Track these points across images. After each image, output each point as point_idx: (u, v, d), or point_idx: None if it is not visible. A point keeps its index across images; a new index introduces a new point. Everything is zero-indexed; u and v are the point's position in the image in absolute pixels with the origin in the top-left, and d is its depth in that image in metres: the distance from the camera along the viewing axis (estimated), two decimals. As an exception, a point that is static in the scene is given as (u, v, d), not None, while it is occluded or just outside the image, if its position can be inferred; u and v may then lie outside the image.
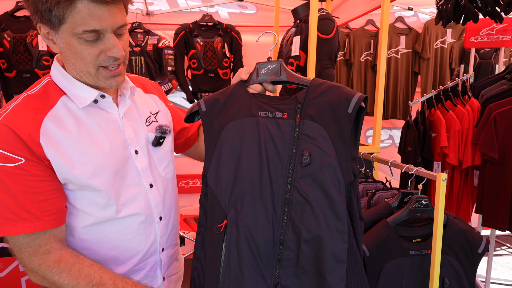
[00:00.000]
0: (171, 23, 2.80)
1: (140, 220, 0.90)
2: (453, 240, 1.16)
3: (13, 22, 2.45)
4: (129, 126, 0.90)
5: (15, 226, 0.75)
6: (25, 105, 0.79)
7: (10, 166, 0.74)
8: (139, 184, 0.90)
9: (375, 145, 1.73)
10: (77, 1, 0.72)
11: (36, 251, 0.78)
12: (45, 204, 0.77)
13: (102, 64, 0.80)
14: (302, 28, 1.84)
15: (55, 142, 0.78)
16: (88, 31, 0.74)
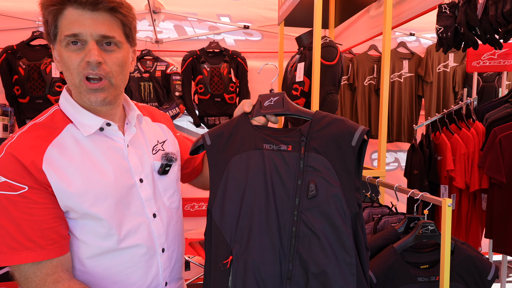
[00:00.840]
0: (179, 50, 2.89)
1: (142, 252, 0.87)
2: (461, 266, 1.14)
3: (29, 51, 2.55)
4: (134, 154, 0.90)
5: (18, 255, 0.74)
6: (31, 133, 0.81)
7: (13, 195, 0.75)
8: (142, 213, 0.89)
9: (380, 169, 1.74)
10: (65, 9, 0.78)
11: (44, 281, 0.76)
12: (48, 232, 0.77)
13: (83, 73, 0.80)
14: (306, 55, 1.90)
15: (58, 169, 0.78)
16: (68, 35, 0.78)
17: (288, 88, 2.01)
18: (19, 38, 2.57)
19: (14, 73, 2.52)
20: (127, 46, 0.86)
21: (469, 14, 1.47)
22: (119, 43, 0.82)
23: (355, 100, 3.20)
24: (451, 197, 2.35)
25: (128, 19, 0.84)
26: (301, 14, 2.16)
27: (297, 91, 1.90)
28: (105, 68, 0.80)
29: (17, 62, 2.51)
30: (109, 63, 0.81)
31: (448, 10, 1.57)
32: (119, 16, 0.81)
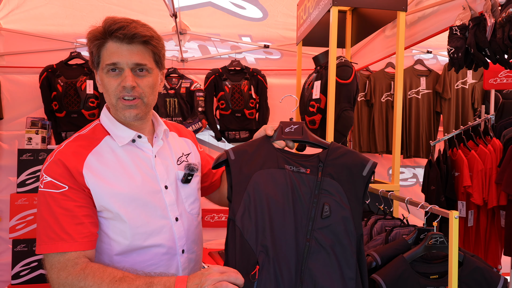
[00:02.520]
0: (202, 68, 3.06)
1: (163, 251, 0.98)
2: (470, 278, 1.18)
3: (67, 70, 2.78)
4: (160, 163, 1.03)
5: (55, 244, 0.86)
6: (75, 142, 0.96)
7: (56, 192, 0.89)
8: (166, 217, 1.00)
9: (394, 183, 1.79)
10: (107, 42, 0.93)
11: (64, 265, 0.85)
12: (80, 227, 0.88)
13: (119, 95, 0.94)
14: (322, 74, 2.00)
15: (95, 173, 0.92)
16: (108, 64, 0.92)
17: (305, 105, 2.11)
18: (58, 58, 2.81)
19: (53, 90, 2.75)
20: (156, 71, 1.01)
21: (479, 36, 1.54)
22: (150, 69, 0.97)
23: (372, 116, 3.25)
24: (469, 213, 2.35)
25: (158, 49, 0.98)
26: (319, 35, 2.28)
27: (313, 107, 2.00)
28: (138, 90, 0.95)
29: (56, 80, 2.74)
30: (142, 86, 0.96)
31: (459, 32, 1.64)
32: (150, 47, 0.96)
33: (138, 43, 0.94)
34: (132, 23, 0.93)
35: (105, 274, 0.83)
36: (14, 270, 2.54)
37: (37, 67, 2.82)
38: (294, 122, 1.05)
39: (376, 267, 1.23)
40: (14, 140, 2.87)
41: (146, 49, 0.96)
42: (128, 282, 0.82)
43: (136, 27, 0.93)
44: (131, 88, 0.93)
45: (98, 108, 2.80)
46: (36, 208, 2.49)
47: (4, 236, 2.85)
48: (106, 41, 0.93)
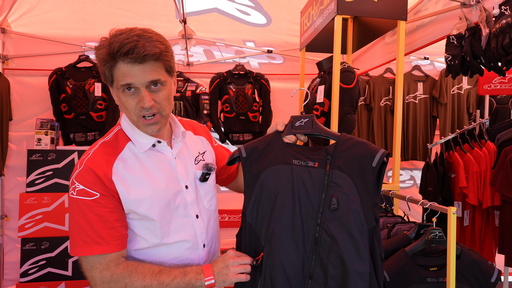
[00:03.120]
0: (207, 72, 3.15)
1: (187, 246, 1.05)
2: (467, 269, 1.27)
3: (75, 72, 2.86)
4: (180, 165, 1.08)
5: (90, 247, 0.93)
6: (102, 149, 1.01)
7: (89, 199, 0.94)
8: (188, 215, 1.06)
9: (394, 183, 1.88)
10: (118, 64, 0.92)
11: (107, 266, 0.94)
12: (112, 231, 0.95)
13: (139, 114, 0.96)
14: (326, 79, 2.09)
15: (123, 179, 0.97)
16: (123, 85, 0.93)
17: (309, 108, 2.21)
18: (67, 61, 2.88)
19: (61, 92, 2.82)
20: (170, 80, 1.02)
21: (474, 45, 1.64)
22: (163, 82, 0.98)
23: (371, 120, 3.36)
24: (465, 213, 2.44)
25: (168, 60, 0.99)
26: (321, 41, 2.38)
27: (317, 111, 2.09)
28: (156, 106, 0.97)
29: (65, 82, 2.81)
30: (158, 100, 0.97)
31: (456, 40, 1.74)
32: (161, 61, 0.97)
33: (149, 61, 0.93)
34: (139, 41, 0.90)
35: (145, 270, 0.94)
36: (22, 268, 2.59)
37: (46, 69, 2.89)
38: (304, 115, 1.08)
39: (379, 260, 1.32)
40: (22, 141, 2.93)
41: (158, 63, 0.95)
42: (166, 273, 0.95)
43: (144, 46, 0.91)
44: (149, 107, 0.96)
45: (106, 110, 2.88)
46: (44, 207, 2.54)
47: (11, 235, 2.90)
48: (117, 63, 0.92)
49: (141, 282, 0.94)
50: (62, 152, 2.68)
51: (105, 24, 2.91)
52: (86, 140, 2.86)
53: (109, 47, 0.92)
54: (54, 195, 2.64)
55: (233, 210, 3.22)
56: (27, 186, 2.63)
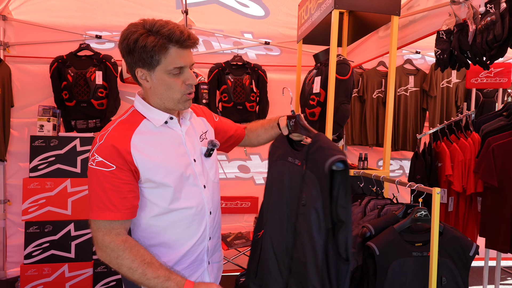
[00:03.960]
0: (206, 62, 3.22)
1: (196, 212, 1.17)
2: (448, 244, 1.40)
3: (76, 60, 2.91)
4: (189, 141, 1.21)
5: (103, 213, 1.03)
6: (120, 126, 1.11)
7: (106, 170, 1.04)
8: (197, 184, 1.19)
9: (384, 170, 2.01)
10: (169, 48, 1.05)
11: (109, 232, 1.04)
12: (124, 201, 1.05)
13: (185, 92, 1.11)
14: (322, 70, 2.20)
15: (140, 151, 1.08)
16: (177, 67, 1.07)
17: (306, 98, 2.31)
18: (68, 49, 2.93)
19: (63, 80, 2.87)
20: None
21: (462, 40, 1.76)
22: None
23: (364, 111, 3.48)
24: (449, 200, 2.59)
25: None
26: (318, 34, 2.47)
27: (314, 101, 2.20)
28: (196, 81, 1.14)
29: (66, 70, 2.86)
30: None
31: (445, 35, 1.86)
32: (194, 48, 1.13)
33: (191, 46, 1.09)
34: (187, 29, 1.07)
35: (138, 254, 1.04)
36: (26, 250, 2.68)
37: (47, 57, 2.94)
38: (293, 116, 1.25)
39: (370, 236, 1.44)
40: (24, 127, 2.99)
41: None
42: (153, 269, 1.03)
43: (193, 34, 1.08)
44: (194, 84, 1.12)
45: (107, 98, 2.94)
46: (47, 192, 2.62)
47: (14, 219, 2.98)
48: (170, 48, 1.05)
49: (130, 262, 1.02)
50: (65, 139, 2.75)
51: (106, 13, 2.96)
52: (87, 128, 2.93)
53: (160, 34, 1.02)
54: (57, 180, 2.71)
55: (230, 197, 3.33)
56: (30, 171, 2.69)
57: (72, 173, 2.75)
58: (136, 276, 1.02)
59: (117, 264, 1.03)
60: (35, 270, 2.68)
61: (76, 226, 2.75)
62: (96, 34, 3.03)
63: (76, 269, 2.75)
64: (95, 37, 3.03)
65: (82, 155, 2.77)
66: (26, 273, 2.66)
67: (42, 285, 2.69)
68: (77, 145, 2.77)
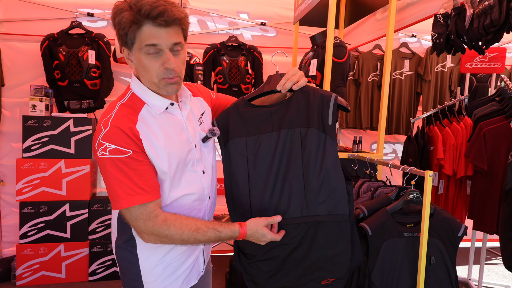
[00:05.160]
0: (201, 43, 3.17)
1: (195, 198, 1.15)
2: (438, 226, 1.45)
3: (68, 39, 2.84)
4: (190, 126, 1.16)
5: (134, 198, 0.98)
6: (123, 110, 1.05)
7: (123, 157, 0.99)
8: (196, 170, 1.16)
9: (378, 152, 2.04)
10: (143, 25, 0.96)
11: (148, 217, 1.00)
12: (150, 182, 1.02)
13: (162, 76, 1.01)
14: (318, 53, 2.19)
15: (146, 137, 1.04)
16: (148, 44, 0.97)
17: (301, 81, 2.30)
18: (59, 27, 2.85)
19: (54, 59, 2.81)
20: (184, 44, 1.09)
21: (459, 24, 1.76)
22: (181, 45, 1.06)
23: (359, 94, 3.49)
24: (440, 183, 2.66)
25: (187, 26, 1.07)
26: (315, 16, 2.44)
27: (310, 83, 2.20)
28: (176, 69, 1.04)
29: (57, 49, 2.79)
30: (178, 63, 1.03)
31: (442, 19, 1.85)
32: (182, 26, 1.05)
33: (174, 25, 0.99)
34: (167, 6, 0.97)
35: (183, 225, 1.04)
36: (22, 230, 2.69)
37: (37, 35, 2.86)
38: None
39: (363, 217, 1.48)
40: (15, 107, 2.94)
41: (179, 28, 1.02)
42: (202, 233, 1.05)
43: (173, 11, 0.97)
44: (173, 69, 1.01)
45: (100, 78, 2.89)
46: (41, 173, 2.61)
47: (8, 199, 2.97)
48: (144, 25, 0.96)
49: (179, 236, 1.03)
50: (58, 119, 2.72)
51: (98, -10, 2.88)
52: (81, 108, 2.89)
53: (134, 10, 0.96)
54: (51, 160, 2.70)
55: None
56: (23, 151, 2.67)
57: (66, 154, 2.74)
58: (191, 243, 1.05)
59: (169, 242, 1.04)
60: (31, 249, 2.70)
61: (71, 206, 2.76)
62: (88, 11, 2.95)
63: (72, 249, 2.78)
64: (87, 14, 2.95)
65: (76, 136, 2.75)
66: (22, 252, 2.69)
67: (38, 264, 2.72)
68: (70, 126, 2.75)
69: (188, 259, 1.18)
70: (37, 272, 2.74)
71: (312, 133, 1.15)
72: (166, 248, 1.13)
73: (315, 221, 1.12)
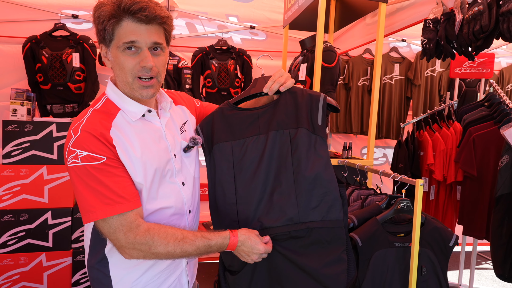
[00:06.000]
0: (189, 46, 3.12)
1: (173, 212, 1.07)
2: (429, 235, 1.41)
3: (51, 41, 2.75)
4: (169, 134, 1.10)
5: (113, 208, 0.90)
6: (95, 116, 0.99)
7: (97, 163, 0.92)
8: (175, 182, 1.08)
9: (369, 159, 2.01)
10: (122, 20, 0.93)
11: (129, 227, 0.92)
12: (128, 189, 0.94)
13: (137, 75, 0.96)
14: (308, 57, 2.15)
15: (120, 145, 0.97)
16: (126, 42, 0.93)
17: (291, 86, 2.26)
18: (42, 29, 2.76)
19: (37, 61, 2.72)
20: (167, 49, 1.05)
21: (448, 30, 1.74)
22: (163, 48, 1.01)
23: (349, 99, 3.47)
24: (431, 188, 2.64)
25: (170, 28, 1.03)
26: (305, 19, 2.41)
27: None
28: (154, 69, 0.99)
29: (40, 51, 2.70)
30: (157, 65, 0.99)
31: (432, 25, 1.83)
32: (165, 26, 1.00)
33: (155, 23, 0.95)
34: (149, 3, 0.94)
35: (167, 235, 0.95)
36: (1, 239, 2.58)
37: (20, 37, 2.77)
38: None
39: (353, 227, 1.44)
40: (-5, 111, 2.84)
41: (161, 28, 0.98)
42: (189, 243, 0.96)
43: (155, 8, 0.94)
44: (150, 68, 0.96)
45: (85, 82, 2.81)
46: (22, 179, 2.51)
47: (-13, 207, 2.85)
48: (123, 20, 0.93)
49: (164, 247, 0.94)
50: (40, 124, 2.62)
51: (82, -9, 2.80)
52: (64, 112, 2.81)
53: (115, 4, 0.92)
54: (32, 167, 2.60)
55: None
56: (3, 157, 2.57)
57: (49, 160, 2.64)
58: (177, 255, 0.96)
59: (153, 255, 0.95)
60: (10, 259, 2.59)
61: (53, 214, 2.66)
62: (72, 13, 2.87)
63: (54, 258, 2.68)
64: (71, 16, 2.87)
65: (59, 141, 2.66)
66: (1, 262, 2.58)
67: (18, 275, 2.61)
68: (53, 131, 2.65)
69: (167, 279, 1.09)
70: (17, 283, 2.63)
71: (302, 133, 1.09)
72: (143, 267, 1.04)
73: (307, 228, 1.06)
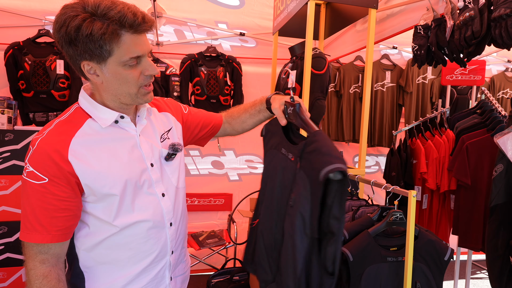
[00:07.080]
0: (178, 53, 3.06)
1: (150, 225, 1.01)
2: (423, 249, 1.35)
3: (35, 48, 2.67)
4: (145, 142, 1.04)
5: (30, 234, 0.89)
6: (57, 129, 0.93)
7: (36, 183, 0.87)
8: (153, 193, 1.03)
9: (360, 168, 1.95)
10: (122, 35, 0.88)
11: (34, 256, 0.90)
12: (55, 221, 0.89)
13: (142, 83, 0.95)
14: (298, 64, 2.10)
15: (81, 157, 0.91)
16: (133, 57, 0.91)
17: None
18: (25, 35, 2.69)
19: (19, 68, 2.64)
20: None
21: (439, 36, 1.70)
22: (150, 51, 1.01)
23: (341, 106, 3.43)
24: (424, 197, 2.59)
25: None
26: (294, 26, 2.37)
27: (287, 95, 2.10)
28: (158, 70, 0.99)
29: (23, 58, 2.62)
30: None
31: (422, 31, 1.80)
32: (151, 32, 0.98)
33: (147, 30, 0.93)
34: (138, 10, 0.90)
35: None
36: (-22, 254, 2.46)
37: (2, 43, 2.69)
38: (292, 103, 1.08)
39: (344, 241, 1.37)
40: (-25, 119, 2.73)
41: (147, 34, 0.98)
42: None
43: (147, 16, 0.92)
44: (156, 74, 0.97)
45: (69, 89, 2.73)
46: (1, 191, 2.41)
47: (-35, 219, 2.73)
48: (122, 35, 0.88)
49: None
50: (21, 133, 2.53)
51: (68, -3, 2.73)
52: (47, 120, 2.72)
53: (108, 18, 0.86)
54: (13, 177, 2.50)
55: (203, 194, 3.21)
56: (-18, 168, 2.47)
57: (30, 170, 2.54)
58: None
59: None
60: (-12, 275, 2.47)
61: (34, 227, 2.55)
62: (57, 19, 2.80)
63: (35, 273, 2.56)
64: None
65: (41, 151, 2.57)
66: (-22, 278, 2.45)
67: (-4, 291, 2.49)
68: (35, 140, 2.56)
69: None
70: (-5, 300, 2.50)
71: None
72: (121, 282, 0.99)
73: None
